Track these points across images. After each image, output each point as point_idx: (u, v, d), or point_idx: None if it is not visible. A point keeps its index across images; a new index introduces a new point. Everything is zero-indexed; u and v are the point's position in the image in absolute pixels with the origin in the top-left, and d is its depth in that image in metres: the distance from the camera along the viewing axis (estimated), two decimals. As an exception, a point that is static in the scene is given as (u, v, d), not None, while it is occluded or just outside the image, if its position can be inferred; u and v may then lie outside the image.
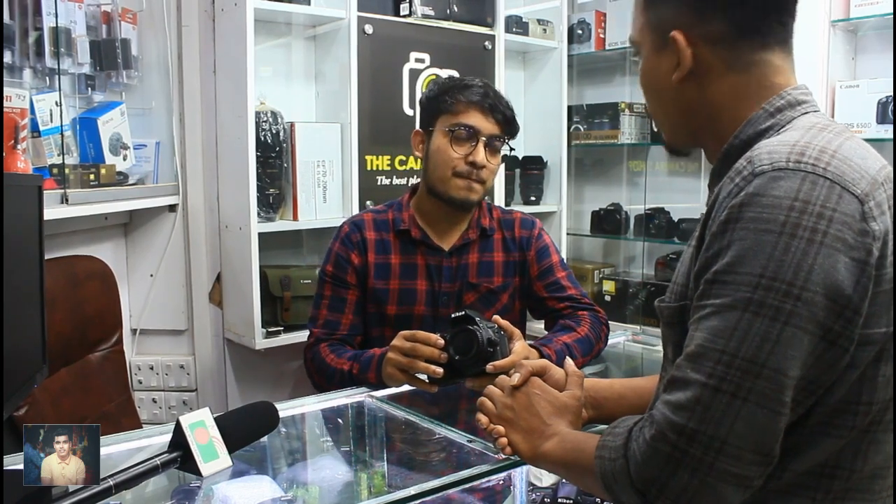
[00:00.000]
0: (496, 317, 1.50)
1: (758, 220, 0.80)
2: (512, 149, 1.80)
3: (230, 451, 1.04)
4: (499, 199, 2.79)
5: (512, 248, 1.83)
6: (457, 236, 1.79)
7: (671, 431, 0.81)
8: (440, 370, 1.41)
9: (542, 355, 1.54)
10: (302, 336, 2.39)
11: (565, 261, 1.93)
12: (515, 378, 1.12)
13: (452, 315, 1.44)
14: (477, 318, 1.42)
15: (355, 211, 2.44)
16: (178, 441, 1.00)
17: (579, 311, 1.79)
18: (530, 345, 1.57)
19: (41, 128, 1.83)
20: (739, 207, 0.81)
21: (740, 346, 0.79)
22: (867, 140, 2.25)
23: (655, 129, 2.89)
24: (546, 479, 1.55)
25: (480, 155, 1.69)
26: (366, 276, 1.75)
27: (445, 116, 1.72)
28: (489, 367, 1.38)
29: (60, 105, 1.89)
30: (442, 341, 1.43)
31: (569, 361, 1.20)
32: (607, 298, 3.04)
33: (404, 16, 2.55)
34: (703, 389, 0.80)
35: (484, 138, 1.70)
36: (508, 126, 1.74)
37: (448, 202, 1.74)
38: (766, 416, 0.78)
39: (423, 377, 1.45)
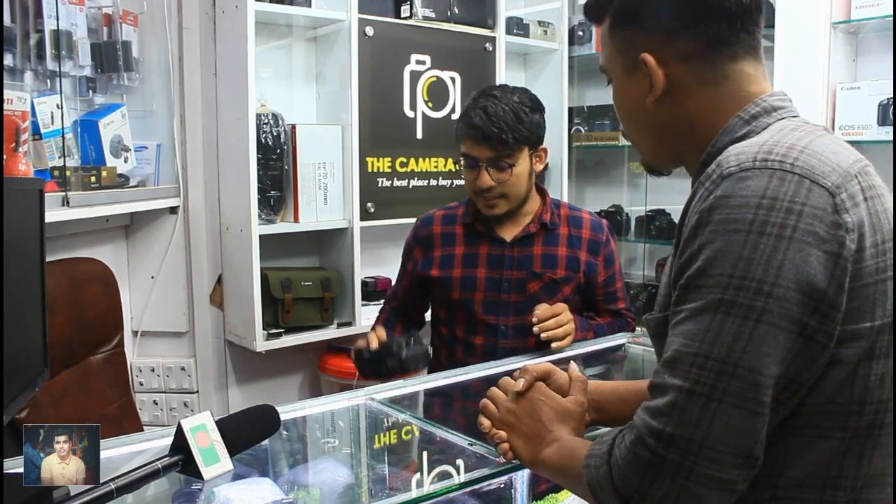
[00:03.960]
0: (573, 365, 1.27)
1: (726, 221, 0.79)
2: (534, 152, 1.82)
3: (231, 454, 1.04)
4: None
5: (576, 245, 1.90)
6: (518, 229, 1.87)
7: (650, 436, 0.80)
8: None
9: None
10: (303, 338, 2.40)
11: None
12: (520, 383, 1.11)
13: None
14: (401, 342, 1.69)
15: (356, 212, 2.45)
16: (180, 444, 1.00)
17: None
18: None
19: (42, 130, 1.83)
20: (709, 211, 0.81)
21: (713, 347, 0.78)
22: (868, 143, 2.28)
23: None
24: (547, 481, 1.54)
25: (483, 179, 1.78)
26: (428, 267, 1.91)
27: (460, 143, 1.84)
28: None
29: (61, 107, 1.89)
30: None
31: (573, 366, 1.19)
32: (608, 300, 3.03)
33: (405, 17, 2.55)
34: (679, 393, 0.79)
35: (483, 164, 1.78)
36: (506, 144, 1.75)
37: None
38: (743, 417, 0.77)
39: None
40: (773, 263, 0.77)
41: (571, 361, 1.24)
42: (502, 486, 1.27)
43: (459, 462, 1.24)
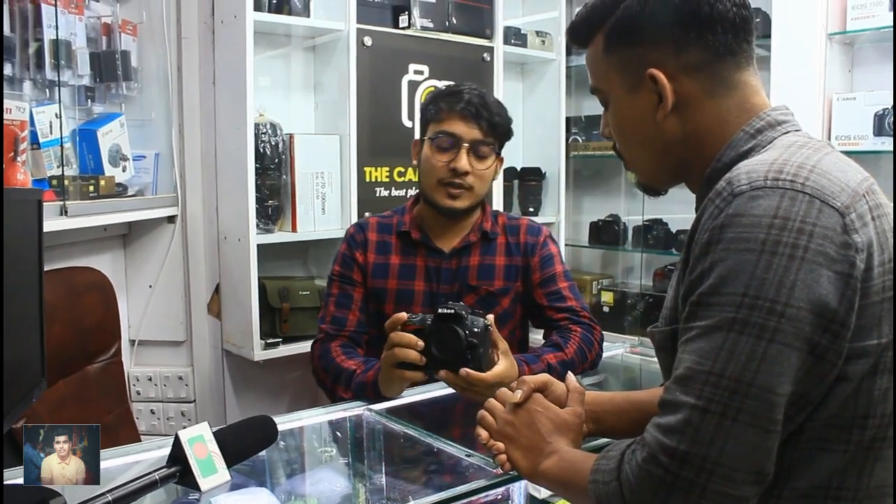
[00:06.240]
0: (570, 376, 1.38)
1: (738, 239, 0.80)
2: (500, 156, 1.78)
3: (229, 465, 1.04)
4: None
5: (515, 252, 1.82)
6: (457, 239, 1.79)
7: (662, 454, 0.81)
8: (416, 355, 1.42)
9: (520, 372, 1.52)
10: (301, 347, 2.39)
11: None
12: (518, 395, 1.11)
13: (440, 310, 1.43)
14: (466, 315, 1.42)
15: (354, 222, 2.45)
16: (177, 455, 1.00)
17: (574, 325, 1.75)
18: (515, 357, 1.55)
19: (41, 140, 1.83)
20: (720, 229, 0.82)
21: (726, 366, 0.79)
22: (864, 153, 2.29)
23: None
24: (544, 491, 1.54)
25: (462, 161, 1.70)
26: (367, 274, 1.78)
27: (432, 125, 1.75)
28: (462, 372, 1.40)
29: (60, 117, 1.89)
30: (415, 338, 1.43)
31: (570, 376, 1.19)
32: (605, 309, 3.04)
33: (403, 28, 2.56)
34: (693, 411, 0.80)
35: (466, 144, 1.70)
36: (495, 130, 1.74)
37: (438, 211, 1.76)
38: (756, 435, 0.78)
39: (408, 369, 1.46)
40: (785, 283, 0.78)
41: (569, 372, 1.24)
42: (500, 497, 1.27)
43: (457, 473, 1.24)
